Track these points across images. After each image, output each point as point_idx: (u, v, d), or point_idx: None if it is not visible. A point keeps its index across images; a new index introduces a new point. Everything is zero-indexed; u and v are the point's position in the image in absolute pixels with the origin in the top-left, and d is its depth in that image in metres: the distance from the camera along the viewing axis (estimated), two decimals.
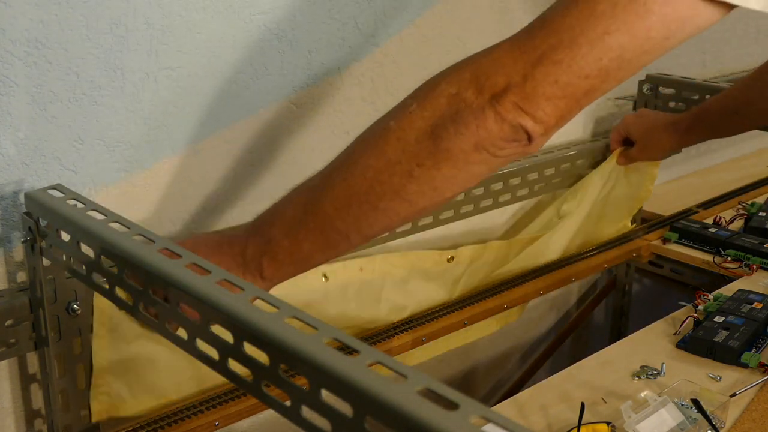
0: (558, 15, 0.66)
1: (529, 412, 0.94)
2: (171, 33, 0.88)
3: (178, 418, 0.89)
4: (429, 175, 0.69)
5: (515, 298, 1.22)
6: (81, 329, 0.84)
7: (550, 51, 0.65)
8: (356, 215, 0.71)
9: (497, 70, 0.67)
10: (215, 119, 0.95)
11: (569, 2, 0.66)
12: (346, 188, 0.71)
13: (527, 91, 0.66)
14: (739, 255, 1.29)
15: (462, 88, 0.68)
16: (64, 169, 0.85)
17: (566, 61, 0.65)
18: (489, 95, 0.67)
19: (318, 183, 0.73)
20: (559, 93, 0.66)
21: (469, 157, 0.68)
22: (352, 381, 0.46)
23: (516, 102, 0.66)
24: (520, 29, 0.69)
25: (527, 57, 0.66)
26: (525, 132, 0.67)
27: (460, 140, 0.67)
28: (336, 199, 0.72)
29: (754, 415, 0.93)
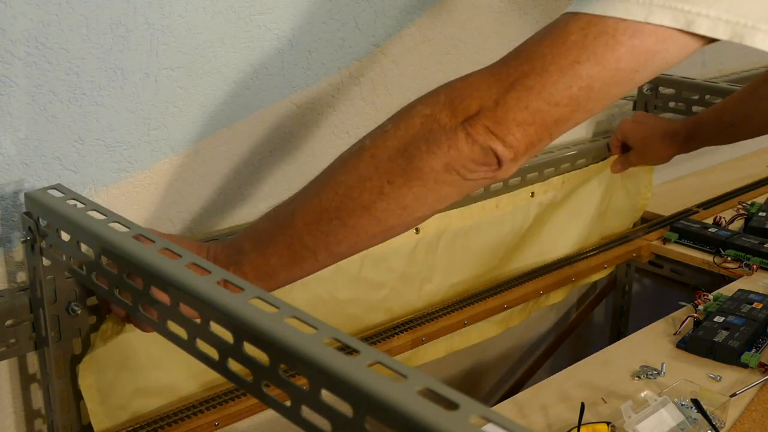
0: (532, 44, 0.68)
1: (529, 412, 0.94)
2: (171, 33, 0.88)
3: (177, 418, 0.89)
4: (399, 193, 0.70)
5: (515, 298, 1.22)
6: (81, 329, 0.84)
7: (522, 77, 0.67)
8: (325, 231, 0.72)
9: (471, 93, 0.69)
10: (215, 119, 0.95)
11: (544, 33, 0.68)
12: (317, 203, 0.72)
13: (498, 115, 0.67)
14: (739, 255, 1.29)
15: (436, 109, 0.70)
16: (64, 169, 0.85)
17: (537, 88, 0.67)
18: (462, 117, 0.69)
19: (293, 198, 0.74)
20: (529, 119, 0.67)
21: (440, 177, 0.70)
22: (352, 381, 0.46)
23: (487, 125, 0.68)
24: (500, 59, 0.71)
25: (500, 83, 0.68)
26: (495, 155, 0.68)
27: (432, 159, 0.69)
28: (306, 213, 0.72)
29: (754, 415, 0.93)
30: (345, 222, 0.71)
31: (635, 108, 1.48)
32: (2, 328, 0.81)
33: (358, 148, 0.72)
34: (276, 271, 0.74)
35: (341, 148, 1.08)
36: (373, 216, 0.71)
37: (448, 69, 1.19)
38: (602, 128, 1.50)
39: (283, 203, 0.75)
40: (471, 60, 1.21)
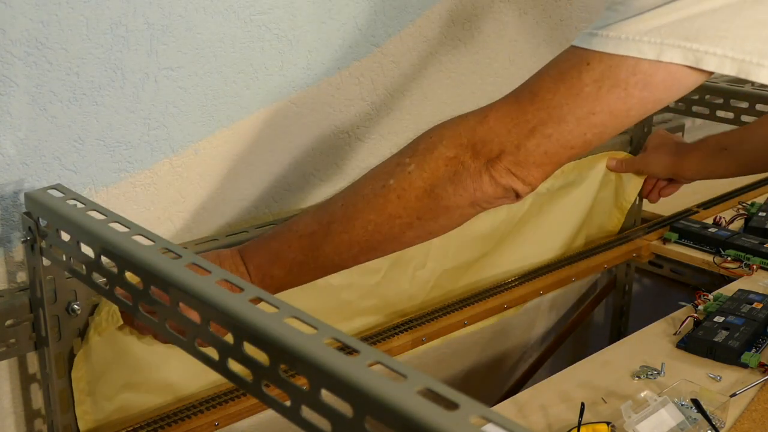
0: (547, 91, 0.74)
1: (529, 412, 0.94)
2: (171, 33, 0.88)
3: (177, 418, 0.89)
4: (427, 224, 0.79)
5: (515, 298, 1.22)
6: (81, 329, 0.84)
7: (540, 125, 0.74)
8: (356, 255, 0.81)
9: (492, 138, 0.76)
10: (215, 119, 0.95)
11: (556, 77, 0.74)
12: (348, 239, 0.79)
13: (520, 159, 0.75)
14: (739, 255, 1.29)
15: (459, 152, 0.77)
16: (64, 169, 0.85)
17: (555, 136, 0.74)
18: (485, 160, 0.76)
19: (317, 231, 0.80)
20: (546, 161, 0.75)
21: (464, 211, 0.79)
22: (352, 381, 0.46)
23: (509, 168, 0.76)
24: (509, 93, 0.77)
25: (520, 128, 0.75)
26: (515, 192, 0.77)
27: (458, 199, 0.77)
28: (338, 246, 0.80)
29: (754, 415, 0.93)
30: (375, 248, 0.80)
31: None
32: (2, 328, 0.81)
33: (381, 188, 0.78)
34: (306, 281, 0.83)
35: (341, 148, 1.08)
36: (402, 242, 0.81)
37: (448, 69, 1.19)
38: None
39: (299, 231, 0.80)
40: (471, 60, 1.21)
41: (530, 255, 1.30)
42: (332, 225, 0.79)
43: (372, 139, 1.12)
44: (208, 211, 0.98)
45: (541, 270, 1.29)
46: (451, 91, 1.20)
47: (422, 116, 1.18)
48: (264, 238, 0.83)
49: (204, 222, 0.98)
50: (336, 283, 1.06)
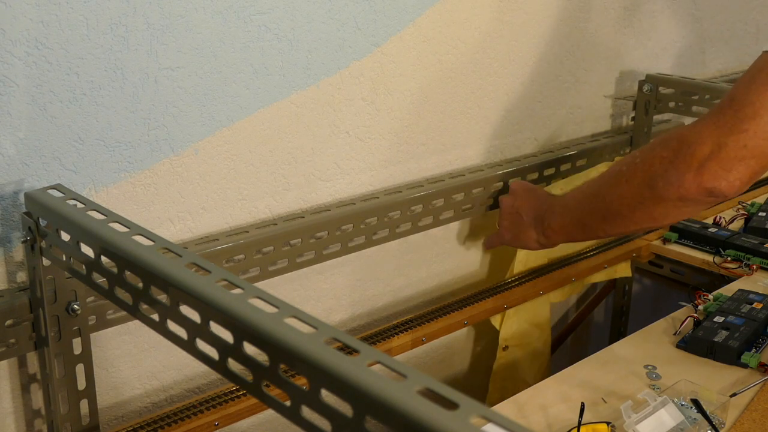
0: (742, 92, 0.86)
1: (529, 412, 0.94)
2: (171, 33, 0.88)
3: (177, 418, 0.89)
4: (649, 209, 0.95)
5: (515, 298, 1.22)
6: (81, 329, 0.84)
7: (738, 123, 0.85)
8: (605, 225, 1.02)
9: (697, 140, 0.87)
10: (215, 119, 0.95)
11: (749, 80, 0.86)
12: (595, 204, 1.02)
13: (722, 156, 0.85)
14: (739, 255, 1.29)
15: (671, 153, 0.90)
16: (64, 169, 0.85)
17: (752, 129, 0.84)
18: (693, 161, 0.87)
19: (590, 192, 1.04)
20: (747, 154, 0.85)
21: (677, 204, 0.92)
22: (352, 381, 0.46)
23: (713, 168, 0.86)
24: (714, 107, 0.89)
25: (721, 130, 0.86)
26: (718, 190, 0.87)
27: (668, 192, 0.90)
28: (591, 207, 1.02)
29: (754, 415, 0.93)
30: (613, 220, 1.00)
31: (635, 108, 1.48)
32: (2, 328, 0.81)
33: (617, 172, 0.98)
34: (575, 238, 1.12)
35: (341, 148, 1.09)
36: (631, 219, 0.98)
37: (448, 69, 1.19)
38: (602, 128, 1.50)
39: (583, 194, 1.05)
40: (471, 60, 1.21)
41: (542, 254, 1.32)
42: (597, 191, 1.01)
43: (372, 139, 1.12)
44: (208, 211, 0.98)
45: (541, 270, 1.29)
46: (451, 91, 1.20)
47: (422, 116, 1.18)
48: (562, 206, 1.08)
49: (204, 222, 0.98)
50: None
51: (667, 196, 0.91)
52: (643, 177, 0.93)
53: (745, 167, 0.85)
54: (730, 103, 0.86)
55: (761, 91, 0.84)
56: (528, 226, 1.13)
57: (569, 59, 1.38)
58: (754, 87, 0.85)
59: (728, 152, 0.85)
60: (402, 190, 1.14)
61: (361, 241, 1.09)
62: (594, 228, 1.04)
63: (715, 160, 0.86)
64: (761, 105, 0.84)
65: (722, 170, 0.86)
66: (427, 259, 1.27)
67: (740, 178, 0.86)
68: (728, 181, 0.86)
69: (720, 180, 0.86)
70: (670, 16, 1.54)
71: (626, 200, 0.96)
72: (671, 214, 0.95)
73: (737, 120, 0.85)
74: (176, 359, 1.00)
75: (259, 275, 0.99)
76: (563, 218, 1.07)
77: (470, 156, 1.27)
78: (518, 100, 1.32)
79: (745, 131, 0.84)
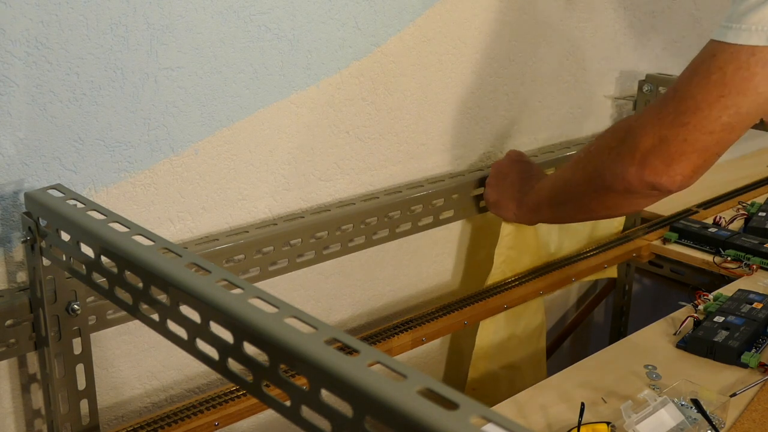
0: (683, 85, 0.83)
1: (529, 412, 0.94)
2: (171, 33, 0.88)
3: (178, 418, 0.89)
4: (601, 198, 0.95)
5: (515, 298, 1.22)
6: (81, 329, 0.84)
7: (679, 115, 0.83)
8: (567, 210, 1.05)
9: (641, 132, 0.86)
10: (215, 119, 0.95)
11: (691, 72, 0.84)
12: (555, 186, 1.04)
13: (663, 150, 0.84)
14: (739, 255, 1.29)
15: (618, 143, 0.89)
16: (64, 169, 0.85)
17: (692, 122, 0.82)
18: (637, 153, 0.86)
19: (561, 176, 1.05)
20: (689, 148, 0.83)
21: (625, 196, 0.92)
22: (352, 381, 0.46)
23: (655, 161, 0.84)
24: (658, 97, 0.88)
25: (663, 122, 0.84)
26: (661, 185, 0.86)
27: (615, 183, 0.90)
28: (551, 191, 1.05)
29: (754, 415, 0.93)
30: (562, 209, 1.04)
31: (635, 108, 1.48)
32: (2, 328, 0.81)
33: (577, 159, 0.99)
34: (543, 212, 1.10)
35: (341, 148, 1.08)
36: (588, 207, 0.99)
37: (448, 69, 1.19)
38: (602, 128, 1.50)
39: (557, 175, 1.05)
40: (471, 60, 1.21)
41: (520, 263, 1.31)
42: (557, 176, 1.03)
43: (372, 139, 1.12)
44: (208, 211, 0.98)
45: (541, 270, 1.29)
46: (451, 91, 1.20)
47: (422, 116, 1.18)
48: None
49: (204, 222, 0.98)
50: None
51: (615, 187, 0.90)
52: (594, 166, 0.93)
53: (687, 161, 0.83)
54: (672, 95, 0.85)
55: (702, 84, 0.81)
56: (510, 196, 1.14)
57: (569, 59, 1.38)
58: (696, 80, 0.82)
59: (669, 146, 0.83)
60: (402, 190, 1.14)
61: (361, 241, 1.09)
62: (560, 212, 1.05)
63: (656, 154, 0.84)
64: (702, 98, 0.81)
65: (663, 165, 0.84)
66: (427, 259, 1.27)
67: (681, 172, 0.84)
68: (669, 175, 0.85)
69: (661, 175, 0.85)
70: (670, 16, 1.54)
71: (582, 188, 0.97)
72: (623, 204, 0.94)
73: (678, 113, 0.83)
74: (176, 359, 1.00)
75: (259, 275, 0.99)
76: (538, 197, 1.07)
77: (470, 156, 1.27)
78: (518, 100, 1.32)
79: (685, 125, 0.82)
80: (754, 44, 0.78)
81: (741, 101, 0.80)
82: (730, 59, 0.80)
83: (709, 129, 0.81)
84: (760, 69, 0.79)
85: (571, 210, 1.03)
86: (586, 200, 0.98)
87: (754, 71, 0.79)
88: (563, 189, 1.01)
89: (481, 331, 1.24)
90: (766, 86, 0.79)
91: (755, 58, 0.79)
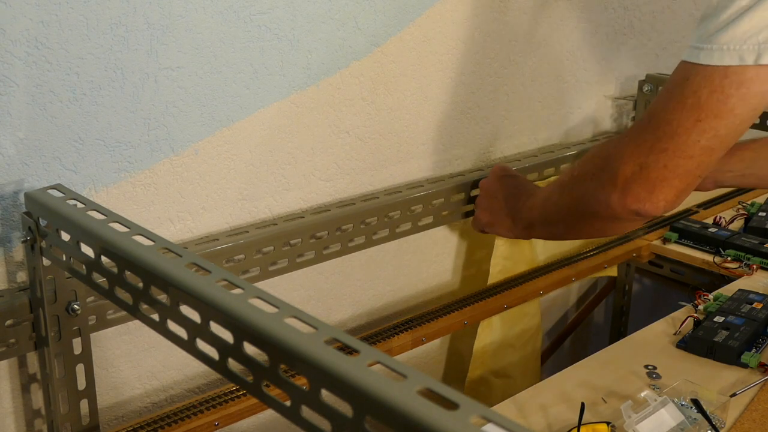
0: (659, 110, 0.82)
1: (529, 412, 0.94)
2: (171, 33, 0.88)
3: (178, 418, 0.89)
4: (588, 222, 0.95)
5: (515, 298, 1.22)
6: (81, 329, 0.84)
7: (657, 142, 0.82)
8: (555, 229, 1.04)
9: (620, 160, 0.85)
10: (215, 119, 0.95)
11: (665, 99, 0.82)
12: (546, 211, 1.02)
13: (643, 178, 0.83)
14: (739, 255, 1.29)
15: (598, 171, 0.88)
16: (64, 169, 0.85)
17: (671, 148, 0.81)
18: (614, 184, 0.85)
19: (550, 197, 1.02)
20: (669, 174, 0.82)
21: (608, 221, 0.91)
22: (352, 381, 0.46)
23: (635, 190, 0.83)
24: (636, 121, 0.84)
25: (641, 149, 0.83)
26: (645, 212, 0.85)
27: (599, 210, 0.89)
28: (543, 213, 1.03)
29: (754, 415, 0.93)
30: (553, 229, 1.03)
31: (635, 108, 1.48)
32: (2, 328, 0.81)
33: (562, 183, 0.99)
34: (538, 234, 1.10)
35: (341, 148, 1.08)
36: (578, 229, 0.99)
37: (448, 69, 1.19)
38: (602, 128, 1.50)
39: (548, 197, 1.03)
40: (471, 60, 1.21)
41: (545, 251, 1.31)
42: (546, 199, 1.02)
43: (372, 139, 1.12)
44: (208, 211, 0.98)
45: (541, 270, 1.29)
46: (451, 91, 1.20)
47: (422, 116, 1.18)
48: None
49: (204, 222, 0.98)
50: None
51: (600, 214, 0.90)
52: (579, 193, 0.92)
53: (669, 187, 0.82)
54: (649, 121, 0.83)
55: (677, 109, 0.80)
56: (504, 214, 1.12)
57: (569, 59, 1.38)
58: (671, 105, 0.81)
59: (649, 173, 0.82)
60: (402, 190, 1.14)
61: (361, 241, 1.09)
62: (552, 231, 1.05)
63: (638, 182, 0.83)
64: (679, 124, 0.80)
65: (645, 192, 0.83)
66: (427, 259, 1.27)
67: (665, 198, 0.83)
68: (652, 202, 0.83)
69: (644, 202, 0.84)
70: (670, 16, 1.54)
71: (569, 212, 0.96)
72: (610, 228, 0.95)
73: (656, 139, 0.82)
74: (176, 359, 1.00)
75: (259, 275, 0.99)
76: (530, 216, 1.06)
77: (470, 156, 1.27)
78: (518, 101, 1.32)
79: (664, 151, 0.81)
80: (727, 64, 0.77)
81: (718, 124, 0.79)
82: (703, 83, 0.78)
83: (689, 153, 0.80)
84: (735, 91, 0.77)
85: (561, 230, 1.03)
86: (574, 223, 0.97)
87: (729, 93, 0.77)
88: (553, 210, 1.00)
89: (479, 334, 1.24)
90: (742, 108, 0.78)
91: (729, 80, 0.77)
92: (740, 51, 0.76)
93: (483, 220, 1.16)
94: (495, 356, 1.27)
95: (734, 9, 0.77)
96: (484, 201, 1.16)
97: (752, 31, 0.76)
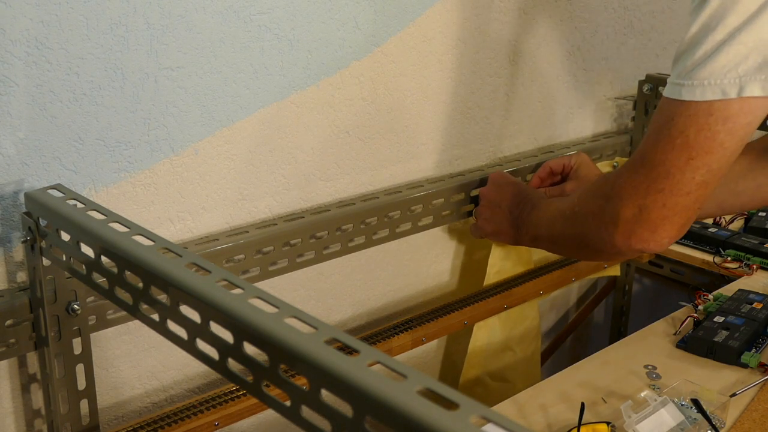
0: (650, 151, 0.83)
1: (529, 412, 0.94)
2: (171, 33, 0.88)
3: (178, 418, 0.89)
4: (589, 254, 1.00)
5: (515, 298, 1.22)
6: (81, 329, 0.84)
7: (652, 183, 0.83)
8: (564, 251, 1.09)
9: (619, 202, 0.86)
10: (215, 119, 0.95)
11: (654, 140, 0.83)
12: (552, 233, 1.02)
13: (644, 219, 0.84)
14: (739, 255, 1.29)
15: (599, 210, 0.89)
16: (64, 169, 0.85)
17: (667, 188, 0.82)
18: (616, 225, 0.87)
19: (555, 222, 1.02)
20: (669, 213, 0.83)
21: (610, 257, 1.00)
22: (352, 381, 0.46)
23: (637, 231, 0.85)
24: (630, 160, 0.87)
25: (637, 191, 0.84)
26: (649, 250, 0.86)
27: (603, 247, 0.90)
28: (549, 234, 1.03)
29: (754, 415, 0.93)
30: (559, 249, 1.05)
31: (635, 108, 1.48)
32: (2, 328, 0.81)
33: (564, 215, 0.98)
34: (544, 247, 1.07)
35: (341, 148, 1.09)
36: (578, 254, 1.06)
37: (448, 69, 1.19)
38: (602, 128, 1.50)
39: (555, 216, 1.01)
40: (471, 60, 1.21)
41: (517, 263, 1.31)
42: (554, 219, 1.01)
43: (372, 139, 1.12)
44: (208, 211, 0.98)
45: (541, 270, 1.29)
46: (451, 91, 1.20)
47: (422, 116, 1.18)
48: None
49: (204, 222, 0.98)
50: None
51: (604, 251, 0.92)
52: (581, 230, 0.94)
53: (670, 224, 0.84)
54: (642, 162, 0.84)
55: (668, 150, 0.81)
56: (508, 223, 1.11)
57: (569, 59, 1.38)
58: (661, 146, 0.82)
59: (650, 214, 0.84)
60: (402, 190, 1.14)
61: (361, 241, 1.09)
62: (557, 251, 1.07)
63: (640, 223, 0.85)
64: (671, 164, 0.81)
65: (648, 232, 0.84)
66: (427, 259, 1.27)
67: (667, 235, 0.85)
68: (656, 241, 0.85)
69: (648, 242, 0.85)
70: (670, 16, 1.54)
71: (573, 243, 0.97)
72: (614, 260, 1.02)
73: (651, 180, 0.83)
74: (176, 359, 1.00)
75: (259, 275, 0.99)
76: (536, 232, 1.05)
77: (470, 156, 1.27)
78: (518, 101, 1.32)
79: (661, 191, 0.82)
80: (710, 99, 0.77)
81: (710, 159, 0.79)
82: (689, 122, 0.79)
83: (686, 191, 0.81)
84: (721, 126, 0.78)
85: (567, 253, 1.10)
86: (578, 251, 1.02)
87: (716, 130, 0.78)
88: (558, 235, 1.01)
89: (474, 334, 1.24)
90: (731, 141, 0.79)
91: (714, 117, 0.78)
92: (722, 85, 0.76)
93: (486, 230, 1.15)
94: (491, 358, 1.27)
95: (710, 45, 0.77)
96: (486, 211, 1.15)
97: (730, 64, 0.76)
